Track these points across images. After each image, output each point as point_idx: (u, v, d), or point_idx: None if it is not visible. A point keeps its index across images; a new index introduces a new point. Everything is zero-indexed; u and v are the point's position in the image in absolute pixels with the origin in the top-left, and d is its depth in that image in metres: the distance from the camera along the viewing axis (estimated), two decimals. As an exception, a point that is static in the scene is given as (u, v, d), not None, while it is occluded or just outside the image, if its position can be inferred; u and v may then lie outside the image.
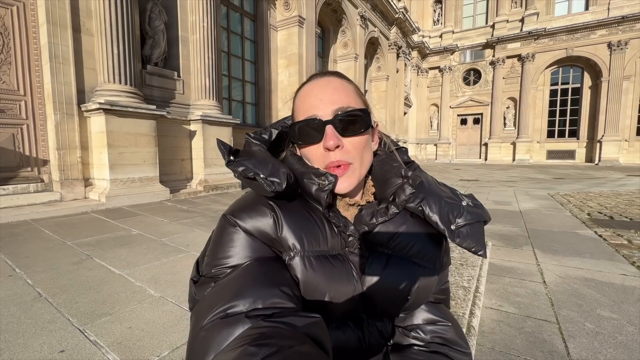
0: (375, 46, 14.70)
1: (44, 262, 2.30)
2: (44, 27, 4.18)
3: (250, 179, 0.51)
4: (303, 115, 0.54)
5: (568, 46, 17.33)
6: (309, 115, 0.53)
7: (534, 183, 8.37)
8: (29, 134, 4.31)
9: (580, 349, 1.38)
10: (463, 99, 20.84)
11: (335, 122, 0.52)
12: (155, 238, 2.93)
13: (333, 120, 0.52)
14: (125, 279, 2.01)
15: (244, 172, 0.51)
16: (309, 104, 0.54)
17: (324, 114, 0.52)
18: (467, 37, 20.48)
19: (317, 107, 0.53)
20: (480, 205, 0.57)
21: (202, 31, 5.89)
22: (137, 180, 4.76)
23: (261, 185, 0.50)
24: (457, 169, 14.05)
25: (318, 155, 0.54)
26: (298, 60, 8.82)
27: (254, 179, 0.50)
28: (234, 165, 0.52)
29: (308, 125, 0.53)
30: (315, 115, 0.52)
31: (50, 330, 1.44)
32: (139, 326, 1.48)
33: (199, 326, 0.41)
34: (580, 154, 17.94)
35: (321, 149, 0.53)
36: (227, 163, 0.52)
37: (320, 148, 0.53)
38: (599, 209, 4.58)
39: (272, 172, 0.51)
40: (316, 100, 0.53)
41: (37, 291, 1.83)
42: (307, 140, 0.54)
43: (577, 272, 2.29)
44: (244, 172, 0.51)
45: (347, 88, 0.56)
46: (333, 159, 0.53)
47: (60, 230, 3.15)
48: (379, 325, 0.56)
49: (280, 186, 0.50)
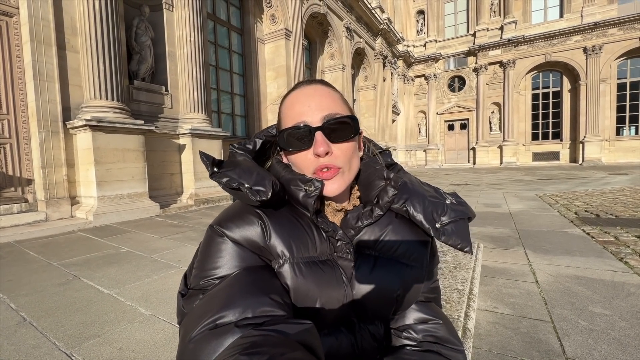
0: (361, 56, 15.00)
1: (28, 284, 2.21)
2: (28, 45, 4.14)
3: (235, 190, 0.51)
4: (291, 122, 0.54)
5: (546, 52, 18.02)
6: (298, 122, 0.53)
7: (522, 185, 8.54)
8: (12, 153, 4.21)
9: (575, 346, 1.39)
10: (449, 105, 21.31)
11: (324, 129, 0.52)
12: (146, 255, 2.86)
13: (322, 127, 0.52)
14: (114, 298, 1.95)
15: (228, 182, 0.50)
16: (296, 111, 0.54)
17: (312, 121, 0.52)
18: (450, 46, 21.10)
19: (305, 113, 0.53)
20: (463, 203, 0.58)
21: (190, 46, 5.92)
22: (126, 197, 4.67)
23: (246, 195, 0.50)
24: (447, 174, 14.26)
25: (307, 161, 0.54)
26: (286, 72, 8.92)
27: (238, 189, 0.50)
28: (218, 177, 0.51)
29: (297, 131, 0.52)
30: (304, 121, 0.52)
31: (35, 356, 1.38)
32: (130, 347, 1.43)
33: (188, 339, 0.40)
34: (565, 154, 18.45)
35: (310, 154, 0.53)
36: (211, 175, 0.52)
37: (309, 154, 0.53)
38: (585, 208, 4.69)
39: (257, 181, 0.50)
40: (304, 107, 0.53)
41: (21, 315, 1.76)
42: (296, 147, 0.54)
43: (568, 270, 2.32)
44: (228, 182, 0.50)
45: (334, 95, 0.56)
46: (322, 163, 0.53)
47: (45, 251, 3.05)
48: (371, 329, 0.56)
49: (266, 195, 0.50)
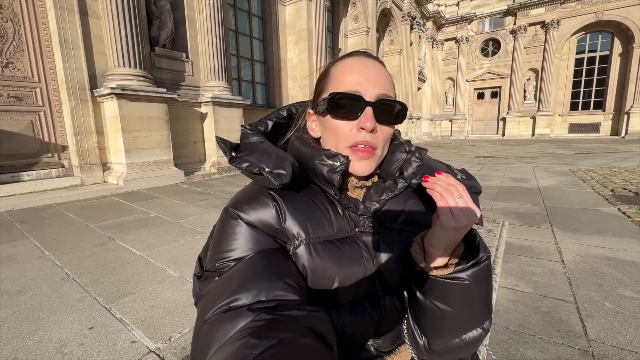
0: (387, 18, 14.02)
1: (70, 244, 2.41)
2: (52, 11, 4.16)
3: (255, 174, 0.51)
4: (344, 87, 0.52)
5: (598, 9, 16.04)
6: (352, 90, 0.51)
7: (554, 158, 8.06)
8: (47, 120, 4.42)
9: (598, 328, 1.36)
10: (480, 72, 19.89)
11: (376, 106, 0.51)
12: (173, 220, 3.01)
13: (375, 103, 0.51)
14: (146, 260, 2.09)
15: (249, 167, 0.50)
16: (353, 78, 0.52)
17: (367, 94, 0.51)
18: (487, 4, 19.21)
19: (361, 84, 0.51)
20: (472, 177, 0.61)
21: (209, 9, 5.74)
22: (152, 164, 4.86)
23: (268, 179, 0.49)
24: (472, 146, 13.67)
25: (346, 131, 0.52)
26: (307, 36, 8.54)
27: (259, 174, 0.50)
28: (237, 162, 0.51)
29: (351, 99, 0.51)
30: (359, 91, 0.51)
31: (80, 308, 1.53)
32: (161, 305, 1.55)
33: (202, 320, 0.41)
34: (606, 126, 17.05)
35: (351, 126, 0.52)
36: (230, 160, 0.52)
37: (350, 125, 0.52)
38: (623, 185, 4.39)
39: (277, 164, 0.50)
40: (362, 77, 0.52)
41: (65, 272, 1.93)
42: (342, 114, 0.52)
43: (597, 250, 2.22)
44: (249, 167, 0.50)
45: (388, 76, 0.55)
46: (362, 138, 0.51)
47: (82, 214, 3.28)
48: (395, 301, 0.56)
49: (287, 178, 0.49)
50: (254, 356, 0.31)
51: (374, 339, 0.57)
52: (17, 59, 4.14)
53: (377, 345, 0.57)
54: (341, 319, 0.51)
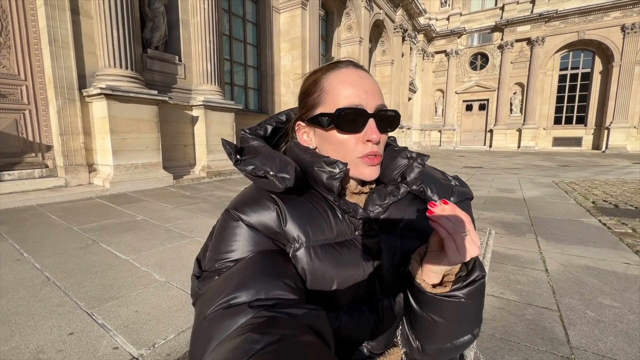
0: (380, 29, 14.32)
1: (51, 246, 2.33)
2: (42, 9, 4.10)
3: (259, 177, 0.52)
4: (345, 101, 0.52)
5: (580, 29, 16.77)
6: (355, 104, 0.52)
7: (538, 170, 8.29)
8: (32, 119, 4.31)
9: (580, 336, 1.40)
10: (469, 84, 20.42)
11: (377, 117, 0.53)
12: (160, 224, 2.96)
13: (376, 115, 0.53)
14: (130, 264, 2.04)
15: (254, 170, 0.51)
16: (353, 92, 0.53)
17: (368, 106, 0.53)
18: (476, 20, 19.86)
19: (361, 97, 0.52)
20: (465, 184, 0.64)
21: (203, 13, 5.75)
22: (141, 166, 4.78)
23: (272, 182, 0.50)
24: (461, 156, 13.95)
25: (353, 144, 0.54)
26: (301, 44, 8.63)
27: (264, 177, 0.51)
28: (242, 165, 0.52)
29: (356, 114, 0.52)
30: (361, 105, 0.52)
31: (59, 313, 1.47)
32: (146, 310, 1.51)
33: (202, 316, 0.42)
34: (587, 141, 17.67)
35: (357, 138, 0.53)
36: (235, 163, 0.53)
37: (356, 137, 0.53)
38: (604, 197, 4.54)
39: (280, 168, 0.51)
40: (361, 90, 0.53)
41: (45, 275, 1.87)
42: (347, 128, 0.53)
43: (579, 260, 2.29)
44: (254, 170, 0.51)
45: (378, 87, 0.57)
46: (371, 150, 0.54)
47: (66, 216, 3.19)
48: (394, 305, 0.57)
49: (291, 182, 0.51)
50: (256, 350, 0.32)
51: (368, 341, 0.58)
52: (3, 55, 4.04)
53: (371, 347, 0.58)
54: (338, 321, 0.52)
